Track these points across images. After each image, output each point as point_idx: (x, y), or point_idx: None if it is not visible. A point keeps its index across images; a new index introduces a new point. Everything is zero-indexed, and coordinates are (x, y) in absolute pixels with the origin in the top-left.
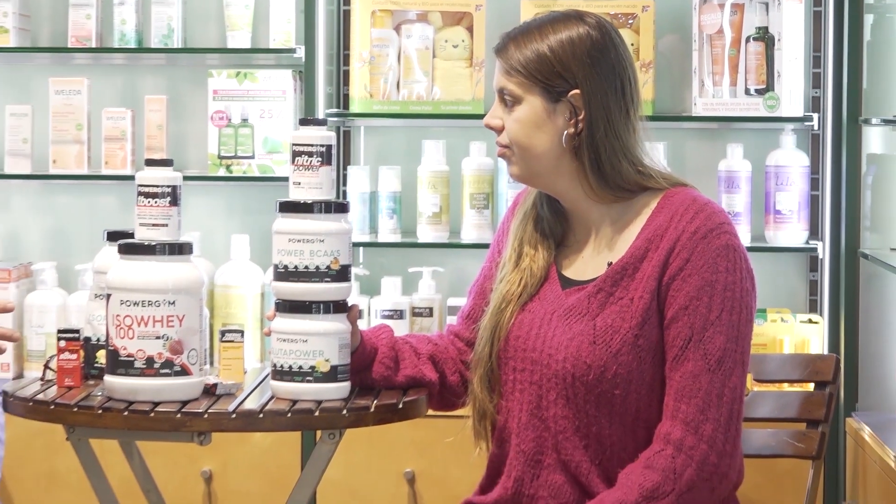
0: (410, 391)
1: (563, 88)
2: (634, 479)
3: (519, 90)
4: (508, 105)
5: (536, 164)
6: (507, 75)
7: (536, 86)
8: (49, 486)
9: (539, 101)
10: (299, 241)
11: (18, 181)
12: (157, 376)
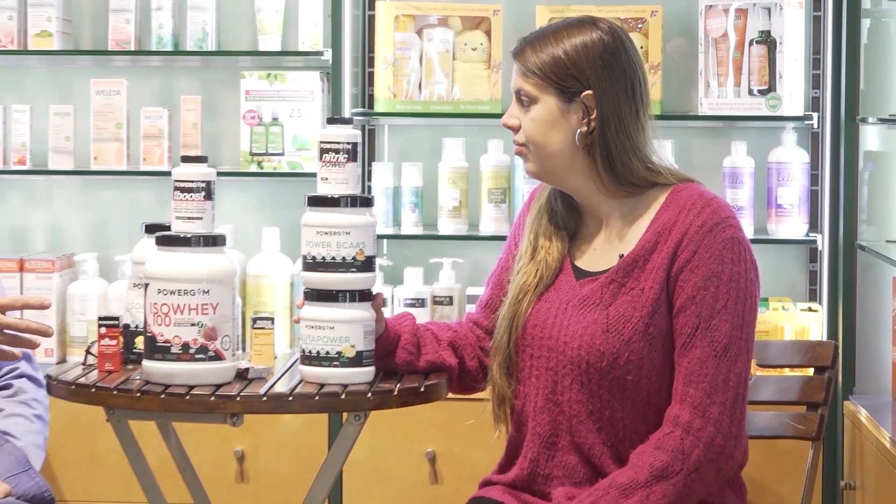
0: (431, 375)
1: (577, 89)
2: (645, 460)
3: (535, 91)
4: (525, 105)
5: (551, 162)
6: (523, 77)
7: (551, 86)
8: (90, 465)
9: (553, 101)
10: (327, 233)
11: (61, 177)
12: (192, 361)
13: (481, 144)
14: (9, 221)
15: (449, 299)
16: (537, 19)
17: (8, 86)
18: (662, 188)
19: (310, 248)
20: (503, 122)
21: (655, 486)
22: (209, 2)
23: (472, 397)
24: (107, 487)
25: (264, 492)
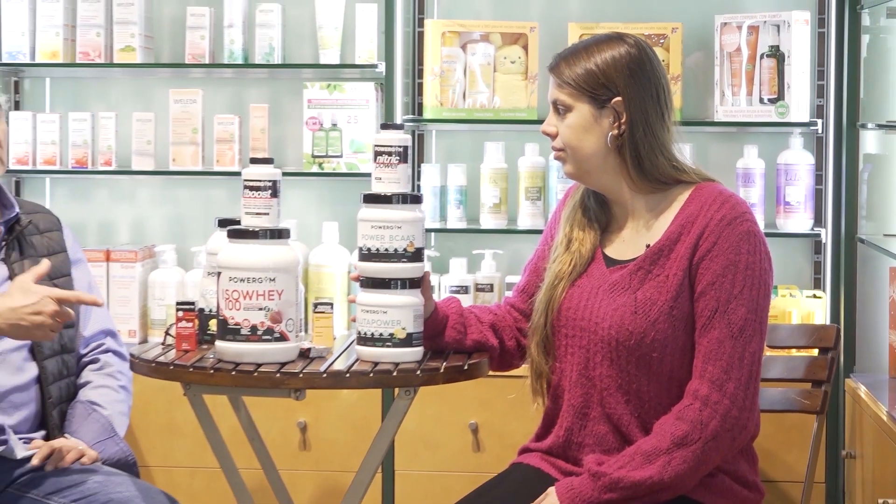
0: (474, 355)
1: (607, 97)
2: (667, 429)
3: (569, 100)
4: (561, 113)
5: (586, 163)
6: (559, 88)
7: (584, 95)
8: (169, 435)
9: (587, 108)
10: (380, 227)
11: (143, 176)
12: (259, 342)
13: (519, 147)
14: (97, 216)
15: (490, 286)
16: (569, 35)
17: (96, 95)
18: (686, 185)
19: (365, 241)
20: (542, 129)
21: (676, 452)
22: (276, 19)
23: (511, 374)
24: (183, 454)
25: (324, 459)
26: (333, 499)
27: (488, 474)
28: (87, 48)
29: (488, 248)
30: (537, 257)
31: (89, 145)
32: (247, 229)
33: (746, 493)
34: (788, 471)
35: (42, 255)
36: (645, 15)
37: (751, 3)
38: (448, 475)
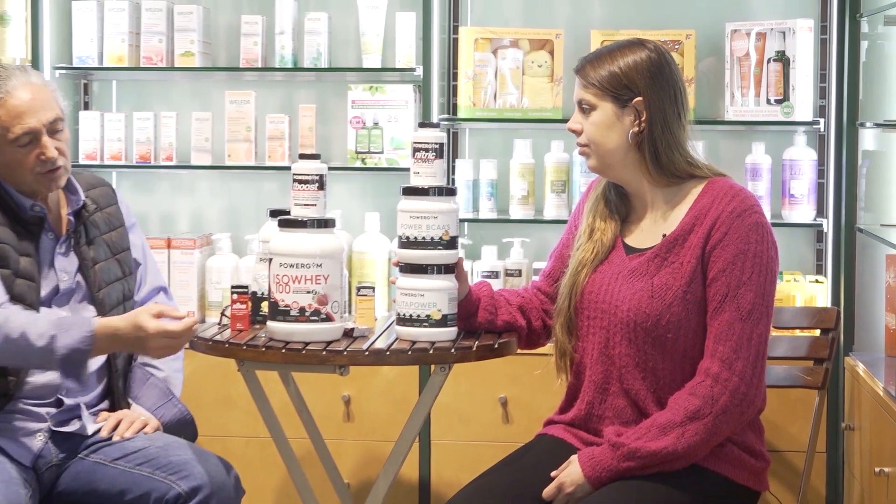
0: (504, 334)
1: (629, 97)
2: (681, 403)
3: (594, 99)
4: (586, 112)
5: (609, 157)
6: (584, 89)
7: (608, 95)
8: (224, 408)
9: (610, 107)
10: (418, 217)
11: (202, 171)
12: (307, 322)
13: (545, 144)
14: (158, 207)
15: (518, 272)
16: (592, 41)
17: (158, 96)
18: (700, 180)
19: (404, 230)
20: (568, 126)
21: (689, 425)
22: (322, 27)
23: (537, 352)
24: (238, 425)
25: (366, 430)
26: (374, 466)
27: (516, 444)
28: (151, 53)
29: (517, 237)
30: (562, 245)
31: (152, 142)
32: (296, 219)
33: (753, 461)
34: (792, 441)
35: (104, 232)
36: (661, 22)
37: (759, 12)
38: (479, 445)
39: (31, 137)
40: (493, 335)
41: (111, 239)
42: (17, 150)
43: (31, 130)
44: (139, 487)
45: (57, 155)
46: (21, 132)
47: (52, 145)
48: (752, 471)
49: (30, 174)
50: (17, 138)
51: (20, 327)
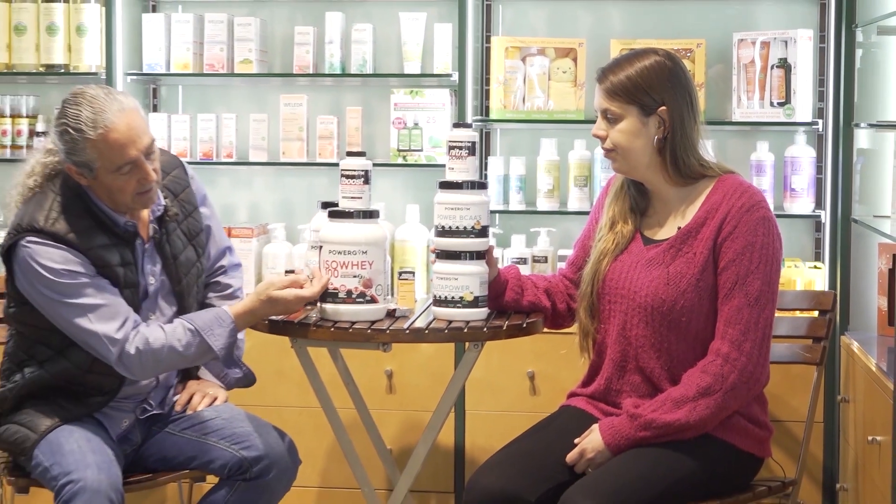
0: (532, 315)
1: (653, 105)
2: (693, 380)
3: (619, 110)
4: (610, 120)
5: (635, 161)
6: (608, 100)
7: (634, 105)
8: (279, 380)
9: (636, 116)
10: (453, 209)
11: (259, 167)
12: (353, 303)
13: (569, 143)
14: (220, 200)
15: (545, 258)
16: (612, 49)
17: (219, 100)
18: (711, 179)
19: (440, 220)
20: (594, 133)
21: (700, 400)
22: (367, 37)
23: (561, 332)
24: (291, 396)
25: (407, 401)
26: (414, 433)
27: (542, 414)
28: (213, 61)
29: (543, 227)
30: (585, 236)
31: (214, 141)
32: (344, 210)
33: (758, 431)
34: (793, 412)
35: (181, 221)
36: (674, 32)
37: (763, 23)
38: (509, 415)
39: (132, 166)
40: (521, 315)
41: (187, 226)
42: (119, 177)
43: (132, 160)
44: (206, 455)
45: (154, 177)
46: (123, 163)
47: (150, 168)
48: (757, 439)
49: (129, 197)
50: (120, 168)
51: (163, 344)
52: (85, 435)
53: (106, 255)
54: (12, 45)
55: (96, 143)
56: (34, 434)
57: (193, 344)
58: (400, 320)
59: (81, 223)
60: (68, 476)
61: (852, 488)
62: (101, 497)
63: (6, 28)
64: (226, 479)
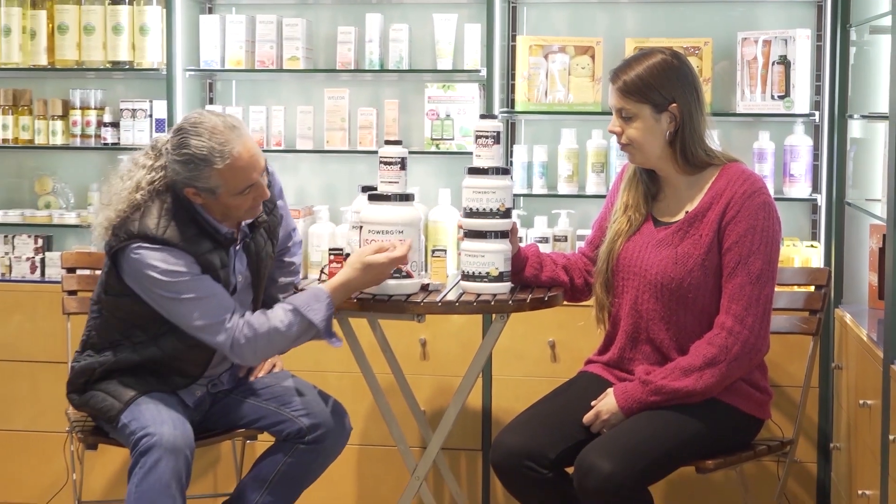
0: (553, 289)
1: (664, 102)
2: (700, 351)
3: (634, 109)
4: (625, 118)
5: (649, 153)
6: (622, 99)
7: (646, 103)
8: (323, 348)
9: (649, 113)
10: (480, 192)
11: (305, 154)
12: (391, 278)
13: (587, 132)
14: None
15: (564, 237)
16: (626, 48)
17: (269, 93)
18: (716, 167)
19: (468, 202)
20: (610, 129)
21: (706, 370)
22: (404, 36)
23: (580, 305)
24: (334, 362)
25: (439, 366)
26: (445, 396)
27: (562, 379)
28: (263, 58)
29: (563, 209)
30: (601, 217)
31: (264, 130)
32: (382, 194)
33: (759, 395)
34: (791, 378)
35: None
36: (684, 32)
37: (765, 23)
38: (531, 379)
39: (253, 188)
40: (543, 290)
41: (268, 224)
42: (238, 197)
43: (254, 183)
44: (267, 419)
45: (268, 194)
46: (245, 187)
47: (264, 184)
48: (758, 402)
49: (243, 212)
50: (242, 191)
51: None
52: (162, 398)
53: (211, 258)
54: (82, 44)
55: (223, 171)
56: (119, 403)
57: (295, 323)
58: (433, 294)
59: (188, 231)
60: (145, 430)
61: (845, 448)
62: (174, 450)
63: (77, 28)
64: (283, 443)
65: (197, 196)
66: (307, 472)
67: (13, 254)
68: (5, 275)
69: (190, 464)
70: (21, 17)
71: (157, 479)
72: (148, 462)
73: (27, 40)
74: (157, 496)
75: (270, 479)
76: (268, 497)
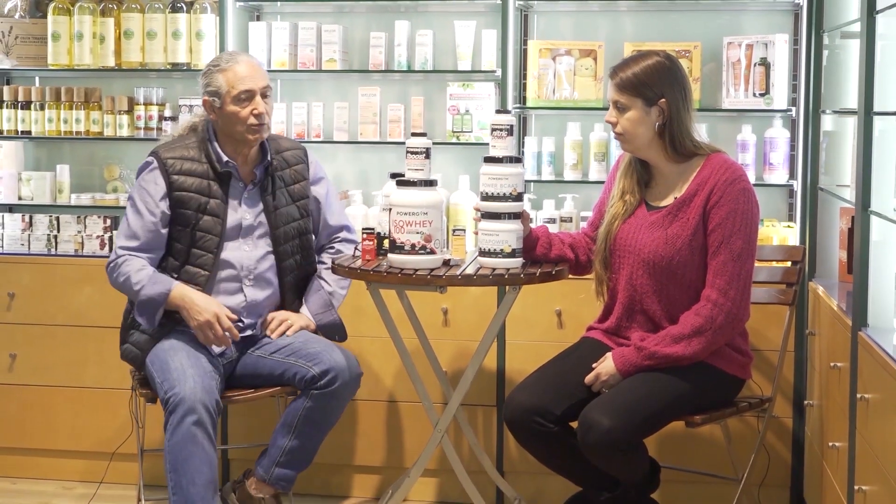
0: (560, 264)
1: (654, 98)
2: (688, 321)
3: (627, 102)
4: (620, 109)
5: (639, 143)
6: (618, 93)
7: (639, 98)
8: (357, 316)
9: (640, 106)
10: (495, 178)
11: (341, 144)
12: (416, 255)
13: (590, 126)
14: None
15: (570, 219)
16: (625, 50)
17: (309, 91)
18: (701, 157)
19: (485, 188)
20: (606, 119)
21: (694, 338)
22: (428, 41)
23: (583, 278)
24: (366, 328)
25: (459, 332)
26: (464, 359)
27: (566, 344)
28: (304, 59)
29: (569, 193)
30: (600, 202)
31: (305, 124)
32: (409, 180)
33: (741, 358)
34: (769, 343)
35: (289, 184)
36: (676, 36)
37: (748, 28)
38: (540, 343)
39: (248, 95)
40: (551, 265)
41: (294, 189)
42: (236, 104)
43: (248, 90)
44: (288, 372)
45: (265, 111)
46: (241, 89)
47: (263, 105)
48: (740, 364)
49: (242, 126)
50: (238, 94)
51: (128, 274)
52: (187, 353)
53: (191, 181)
54: (145, 48)
55: (226, 73)
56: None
57: (139, 283)
58: (454, 268)
59: (189, 153)
60: (172, 389)
61: (817, 405)
62: (196, 403)
63: (141, 34)
64: (303, 390)
65: (211, 108)
66: (326, 414)
67: (85, 232)
68: (78, 251)
69: (212, 411)
70: (92, 23)
71: (184, 432)
72: (175, 419)
73: (97, 44)
74: (185, 445)
75: (295, 424)
76: (295, 441)
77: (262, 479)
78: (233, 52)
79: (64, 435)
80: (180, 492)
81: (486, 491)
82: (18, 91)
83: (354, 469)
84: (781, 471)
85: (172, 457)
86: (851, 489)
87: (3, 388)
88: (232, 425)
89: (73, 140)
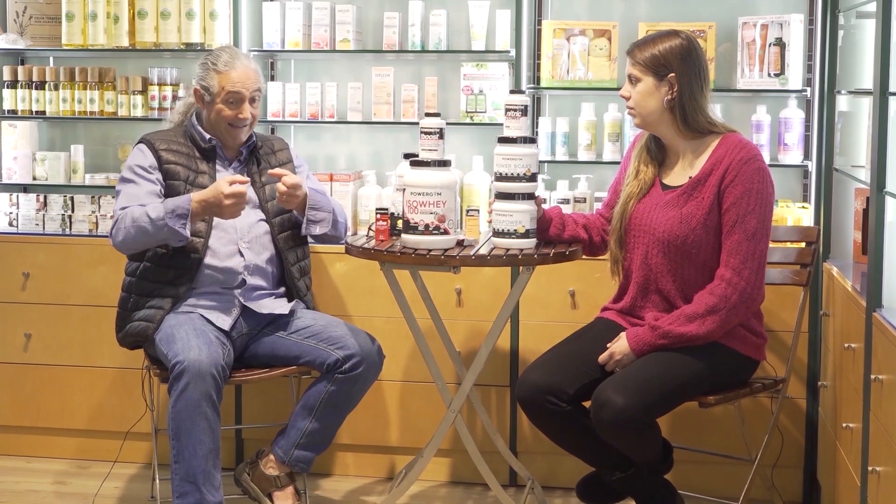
0: (573, 245)
1: (665, 73)
2: (702, 300)
3: (640, 74)
4: (633, 83)
5: (649, 117)
6: (633, 66)
7: (649, 71)
8: (371, 296)
9: (651, 80)
10: (508, 159)
11: (355, 125)
12: (430, 235)
13: (604, 106)
14: (323, 151)
15: (584, 199)
16: (639, 31)
17: (323, 71)
18: (716, 135)
19: (499, 168)
20: (620, 94)
21: (708, 317)
22: (442, 20)
23: (597, 259)
24: (380, 308)
25: (472, 312)
26: (478, 339)
27: (580, 324)
28: (318, 39)
29: (582, 174)
30: (616, 182)
31: (319, 104)
32: (423, 160)
33: (755, 339)
34: (784, 324)
35: (273, 165)
36: (691, 16)
37: (763, 8)
38: (554, 324)
39: (237, 99)
40: (564, 245)
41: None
42: (223, 105)
43: (237, 93)
44: (308, 355)
45: (248, 117)
46: (231, 92)
47: (248, 110)
48: (754, 345)
49: (224, 124)
50: (227, 97)
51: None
52: (192, 325)
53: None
54: (159, 28)
55: (221, 75)
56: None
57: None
58: (467, 248)
59: (177, 138)
60: (176, 358)
61: (831, 386)
62: (201, 373)
63: (154, 14)
64: (325, 374)
65: (200, 99)
66: (348, 398)
67: (99, 212)
68: (92, 231)
69: (219, 381)
70: (105, 3)
71: (188, 400)
72: (179, 386)
73: (111, 25)
74: (189, 414)
75: (316, 407)
76: (315, 423)
77: (282, 460)
78: (232, 54)
79: (78, 414)
80: (182, 461)
81: (499, 471)
82: (33, 71)
83: (368, 449)
84: (795, 452)
85: (175, 424)
86: (865, 470)
87: (18, 367)
88: (246, 405)
89: (87, 120)
